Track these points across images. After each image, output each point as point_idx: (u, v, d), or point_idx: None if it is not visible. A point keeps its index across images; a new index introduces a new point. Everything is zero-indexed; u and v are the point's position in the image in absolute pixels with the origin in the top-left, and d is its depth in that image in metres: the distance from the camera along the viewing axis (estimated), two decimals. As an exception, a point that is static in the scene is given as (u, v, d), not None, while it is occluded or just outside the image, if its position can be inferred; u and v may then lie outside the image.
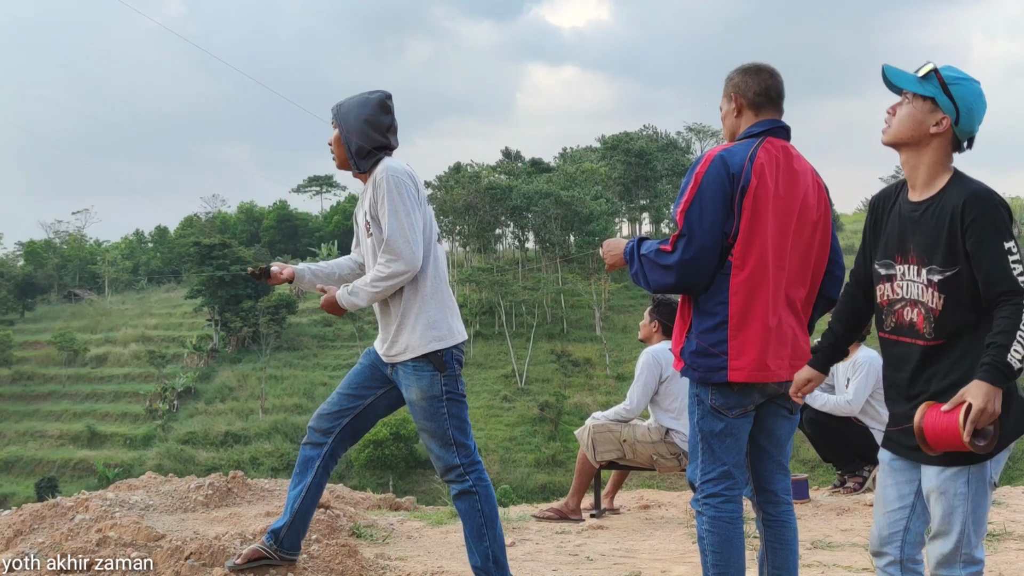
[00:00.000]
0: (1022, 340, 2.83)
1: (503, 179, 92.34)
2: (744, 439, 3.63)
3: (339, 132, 4.37)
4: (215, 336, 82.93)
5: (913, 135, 3.08)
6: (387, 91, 4.44)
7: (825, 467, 51.62)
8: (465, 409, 4.37)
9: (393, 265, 4.12)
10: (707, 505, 3.59)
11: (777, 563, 3.73)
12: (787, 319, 3.63)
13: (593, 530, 6.55)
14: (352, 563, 4.81)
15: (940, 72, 3.05)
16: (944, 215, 2.99)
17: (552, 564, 5.45)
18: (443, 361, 4.26)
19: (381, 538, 5.89)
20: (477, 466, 4.36)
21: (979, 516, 3.00)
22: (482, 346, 78.84)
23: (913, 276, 3.09)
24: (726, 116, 3.79)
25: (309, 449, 4.53)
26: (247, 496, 6.55)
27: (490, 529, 4.33)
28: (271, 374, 76.85)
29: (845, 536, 6.19)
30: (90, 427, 71.95)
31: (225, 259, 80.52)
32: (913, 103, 3.08)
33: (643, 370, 6.73)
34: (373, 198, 4.23)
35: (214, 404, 74.50)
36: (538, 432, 66.91)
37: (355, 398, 4.49)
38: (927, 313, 3.04)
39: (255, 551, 4.51)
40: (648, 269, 3.57)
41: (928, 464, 3.05)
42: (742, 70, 3.77)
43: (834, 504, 7.14)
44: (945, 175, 3.06)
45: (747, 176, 3.49)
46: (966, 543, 3.00)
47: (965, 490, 2.98)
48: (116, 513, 5.65)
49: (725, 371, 3.51)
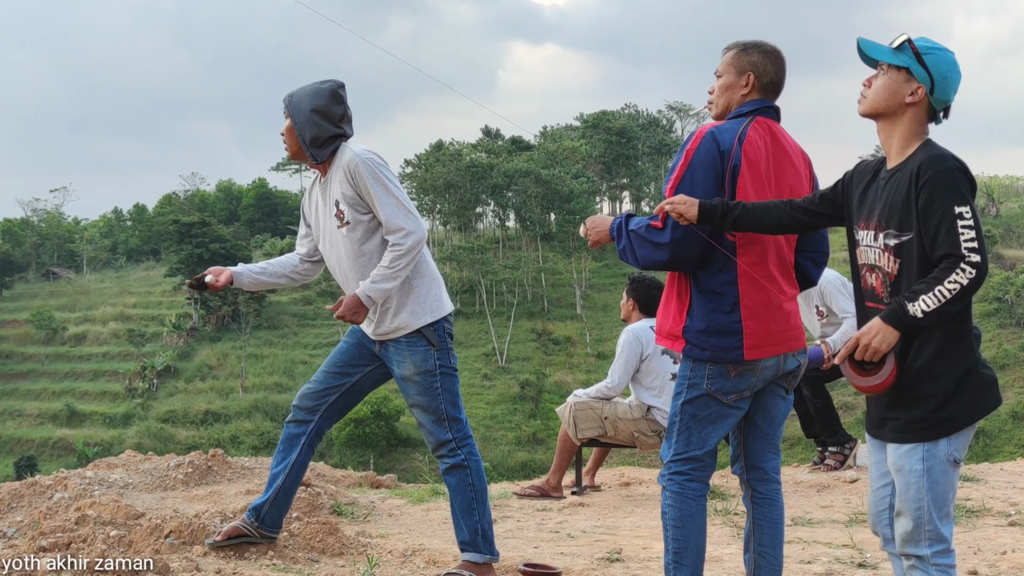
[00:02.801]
0: (938, 296, 2.83)
1: (484, 157, 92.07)
2: (727, 429, 3.62)
3: (291, 122, 4.33)
4: (194, 314, 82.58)
5: (888, 105, 3.08)
6: (340, 80, 4.41)
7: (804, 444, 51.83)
8: (457, 383, 4.38)
9: (406, 240, 4.13)
10: (672, 481, 3.59)
11: (763, 541, 3.74)
12: (788, 291, 3.63)
13: (574, 507, 6.57)
14: (333, 541, 4.80)
15: (914, 43, 3.07)
16: (904, 178, 3.00)
17: (533, 541, 5.46)
18: (436, 335, 4.27)
19: (362, 516, 5.88)
20: (469, 440, 4.37)
21: (938, 493, 2.98)
22: (463, 325, 78.80)
23: (870, 241, 3.11)
24: (730, 88, 3.68)
25: (294, 427, 4.51)
26: (227, 474, 6.53)
27: (480, 504, 4.34)
28: (251, 353, 76.64)
29: (825, 512, 6.22)
30: (69, 406, 71.66)
31: (204, 237, 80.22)
32: (888, 74, 3.08)
33: (624, 348, 6.74)
34: (352, 185, 4.20)
35: (194, 383, 74.28)
36: (519, 410, 67.04)
37: (341, 376, 4.47)
38: (884, 278, 3.06)
39: (235, 528, 4.50)
40: (638, 245, 3.54)
41: (888, 442, 3.07)
42: (763, 51, 3.68)
43: (814, 481, 7.18)
44: (916, 143, 3.07)
45: (737, 154, 3.48)
46: (928, 520, 2.99)
47: (920, 467, 2.98)
48: (95, 491, 5.63)
49: (740, 350, 3.49)
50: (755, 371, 3.54)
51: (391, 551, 4.89)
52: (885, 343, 2.92)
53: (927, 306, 2.84)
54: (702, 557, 3.62)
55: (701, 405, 3.56)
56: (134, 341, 78.23)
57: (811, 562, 4.92)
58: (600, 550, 5.16)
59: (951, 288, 2.82)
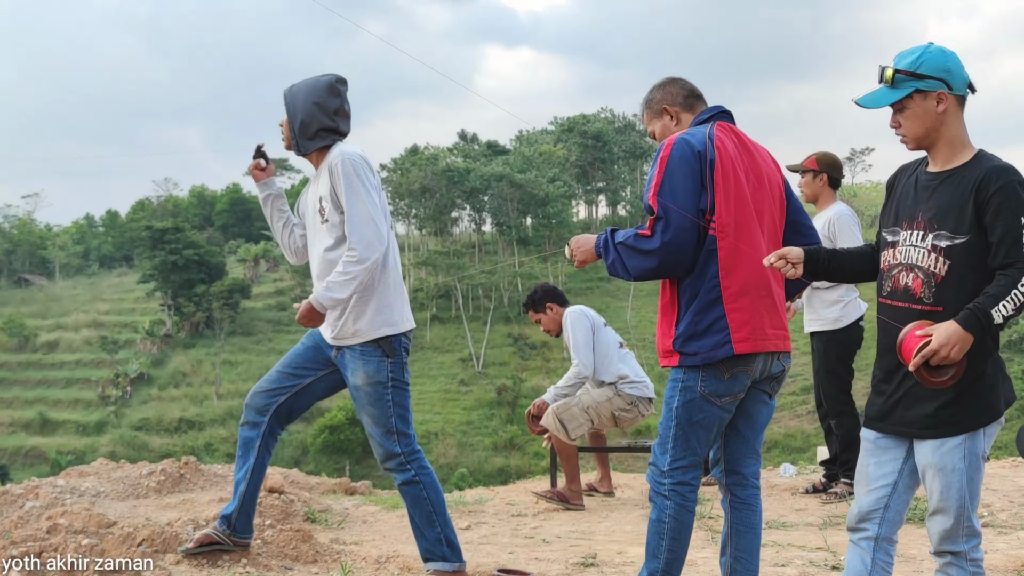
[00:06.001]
0: (1015, 301, 2.87)
1: (460, 162, 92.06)
2: (718, 432, 3.63)
3: (287, 113, 4.36)
4: (168, 321, 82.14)
5: (928, 127, 3.11)
6: (339, 75, 4.41)
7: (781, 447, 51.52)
8: (408, 398, 4.35)
9: (361, 251, 4.09)
10: (675, 492, 3.58)
11: (741, 545, 3.75)
12: (773, 286, 3.64)
13: (549, 512, 6.57)
14: (307, 548, 4.78)
15: (900, 68, 3.09)
16: (966, 185, 3.03)
17: (508, 547, 5.45)
18: (392, 347, 4.24)
19: (336, 523, 5.86)
20: (417, 455, 4.34)
21: (974, 489, 3.06)
22: (439, 330, 78.76)
23: (916, 241, 3.12)
24: (664, 130, 3.84)
25: (247, 430, 4.48)
26: (200, 482, 6.49)
27: (439, 515, 4.32)
28: (225, 359, 76.29)
29: (799, 516, 6.24)
30: (42, 414, 71.12)
31: (178, 243, 79.75)
32: (907, 107, 3.11)
33: (574, 327, 6.83)
34: (331, 183, 4.19)
35: (168, 390, 73.90)
36: (495, 415, 66.99)
37: (293, 377, 4.45)
38: (927, 278, 3.07)
39: (207, 536, 4.48)
40: (627, 257, 3.54)
41: (922, 439, 3.09)
42: (658, 86, 3.90)
43: (788, 484, 7.20)
44: (968, 151, 3.11)
45: (711, 151, 3.52)
46: (967, 517, 3.06)
47: (962, 465, 3.03)
48: (67, 500, 5.58)
49: (729, 345, 3.49)
50: (748, 371, 3.55)
51: (365, 558, 4.87)
52: (964, 351, 2.92)
53: (1007, 311, 2.88)
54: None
55: (696, 408, 3.56)
56: (107, 348, 77.72)
57: (785, 565, 4.93)
58: (575, 555, 5.16)
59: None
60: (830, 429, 6.79)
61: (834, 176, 6.68)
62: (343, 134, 4.36)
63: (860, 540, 3.26)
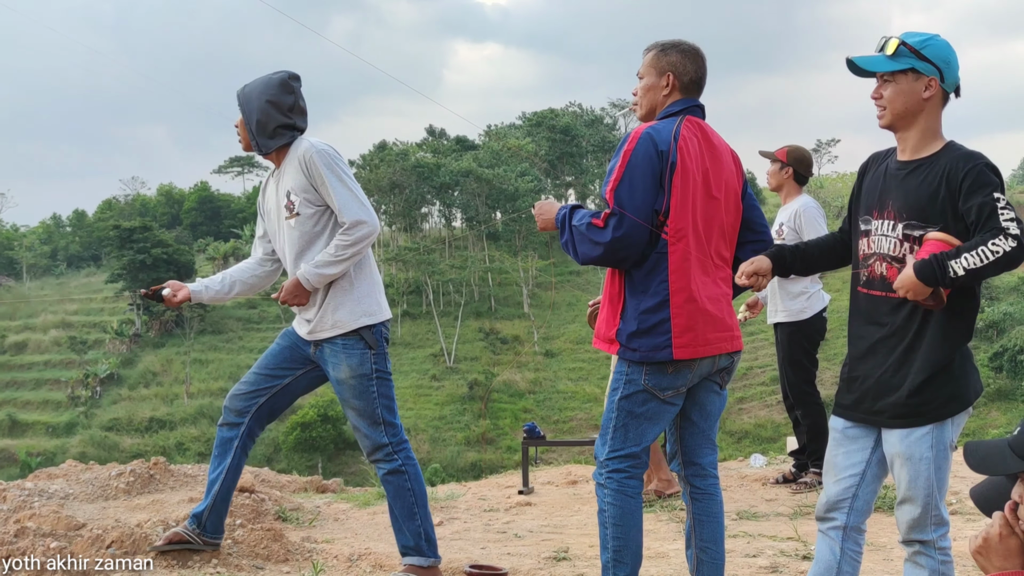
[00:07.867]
0: (981, 256, 2.87)
1: (429, 157, 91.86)
2: (663, 426, 3.64)
3: (241, 113, 4.34)
4: (137, 321, 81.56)
5: (909, 108, 3.13)
6: (292, 72, 4.40)
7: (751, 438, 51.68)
8: (392, 388, 4.36)
9: (359, 230, 4.11)
10: (611, 480, 3.60)
11: (704, 536, 3.76)
12: (721, 292, 3.65)
13: (521, 507, 6.57)
14: (278, 547, 4.76)
15: (907, 42, 3.11)
16: (936, 174, 3.06)
17: (480, 542, 5.45)
18: (374, 337, 4.24)
19: (307, 521, 5.84)
20: (405, 445, 4.35)
21: (942, 478, 3.09)
22: (410, 326, 78.62)
23: (887, 231, 3.15)
24: (651, 89, 3.74)
25: (226, 430, 4.47)
26: (170, 482, 6.44)
27: (421, 508, 4.32)
28: (196, 358, 75.87)
29: (770, 506, 6.28)
30: (11, 415, 70.45)
31: (146, 242, 79.23)
32: (896, 80, 3.13)
33: None
34: (307, 176, 4.18)
35: (138, 389, 73.39)
36: (467, 410, 67.01)
37: (272, 378, 4.44)
38: (899, 267, 3.09)
39: (177, 534, 4.46)
40: (578, 241, 3.56)
41: (890, 428, 3.12)
42: (681, 50, 3.73)
43: (759, 475, 7.24)
44: (938, 141, 3.14)
45: (674, 152, 3.50)
46: (935, 505, 3.09)
47: (930, 454, 3.06)
48: (35, 503, 5.52)
49: (669, 349, 3.50)
50: (691, 367, 3.56)
51: (337, 556, 4.85)
52: (918, 296, 2.98)
53: (968, 264, 2.88)
54: (640, 554, 3.64)
55: (638, 401, 3.57)
56: (76, 349, 77.11)
57: (756, 555, 4.96)
58: (547, 549, 5.17)
59: (994, 251, 2.87)
60: (797, 420, 6.83)
61: (800, 172, 6.72)
62: (301, 130, 4.36)
63: (829, 530, 3.29)
